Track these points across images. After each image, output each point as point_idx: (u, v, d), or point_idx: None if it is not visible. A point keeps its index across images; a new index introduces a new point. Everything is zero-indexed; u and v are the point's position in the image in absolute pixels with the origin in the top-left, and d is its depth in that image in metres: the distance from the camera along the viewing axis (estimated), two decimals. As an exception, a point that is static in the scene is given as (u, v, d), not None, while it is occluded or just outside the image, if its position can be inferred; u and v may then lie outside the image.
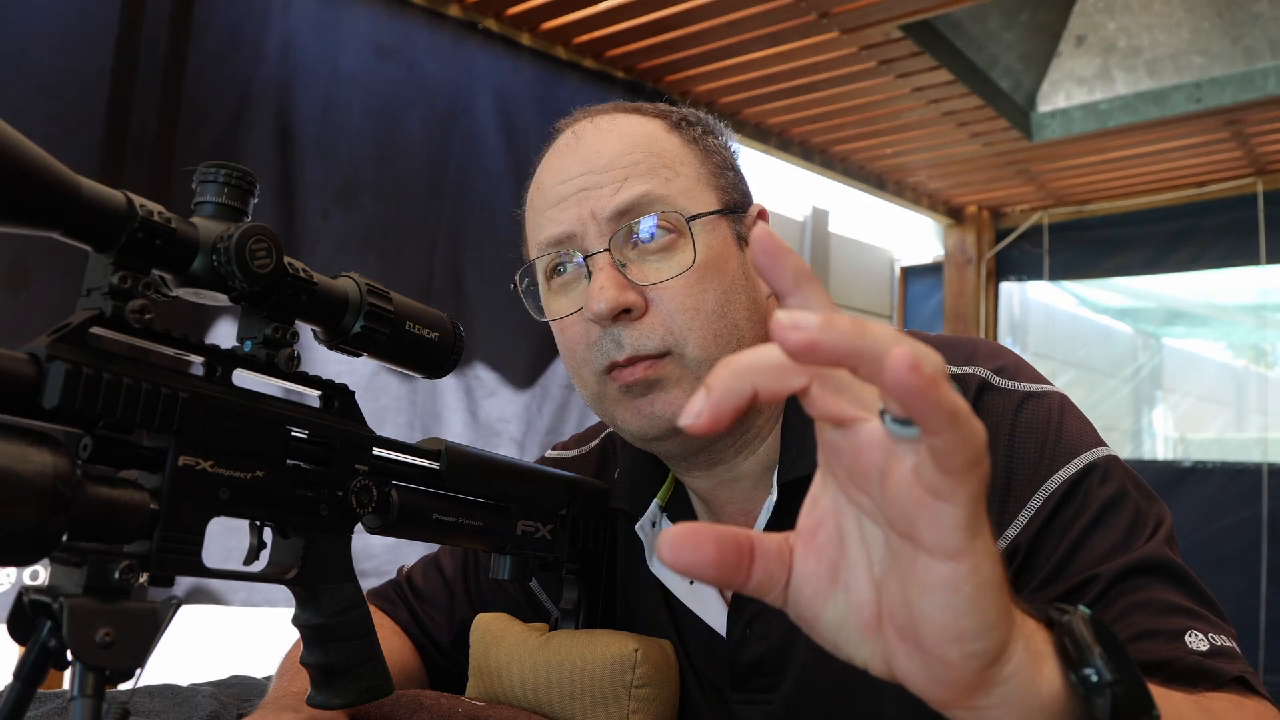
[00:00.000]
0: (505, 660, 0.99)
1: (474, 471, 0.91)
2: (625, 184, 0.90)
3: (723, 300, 0.90)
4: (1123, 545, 0.81)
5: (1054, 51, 3.93)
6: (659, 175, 0.91)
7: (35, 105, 2.14)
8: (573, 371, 0.96)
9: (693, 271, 0.89)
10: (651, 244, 0.90)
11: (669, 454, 0.96)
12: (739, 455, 0.95)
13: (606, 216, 0.90)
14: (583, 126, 0.97)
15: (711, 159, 0.97)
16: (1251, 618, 4.14)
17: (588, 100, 1.09)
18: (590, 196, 0.91)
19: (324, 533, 0.76)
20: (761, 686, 0.94)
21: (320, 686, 0.78)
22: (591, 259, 0.90)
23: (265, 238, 0.67)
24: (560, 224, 0.92)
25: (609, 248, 0.89)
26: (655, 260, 0.90)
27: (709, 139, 0.99)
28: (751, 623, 0.94)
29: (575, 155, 0.94)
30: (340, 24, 2.70)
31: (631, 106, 0.99)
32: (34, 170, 0.56)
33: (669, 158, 0.93)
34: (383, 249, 2.76)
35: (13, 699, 0.59)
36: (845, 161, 4.36)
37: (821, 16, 3.01)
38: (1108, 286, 5.27)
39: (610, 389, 0.91)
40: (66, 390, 0.57)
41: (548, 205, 0.94)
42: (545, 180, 0.96)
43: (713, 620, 0.98)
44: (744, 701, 0.95)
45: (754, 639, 0.94)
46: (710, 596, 0.99)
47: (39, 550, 0.55)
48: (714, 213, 0.93)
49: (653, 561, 1.01)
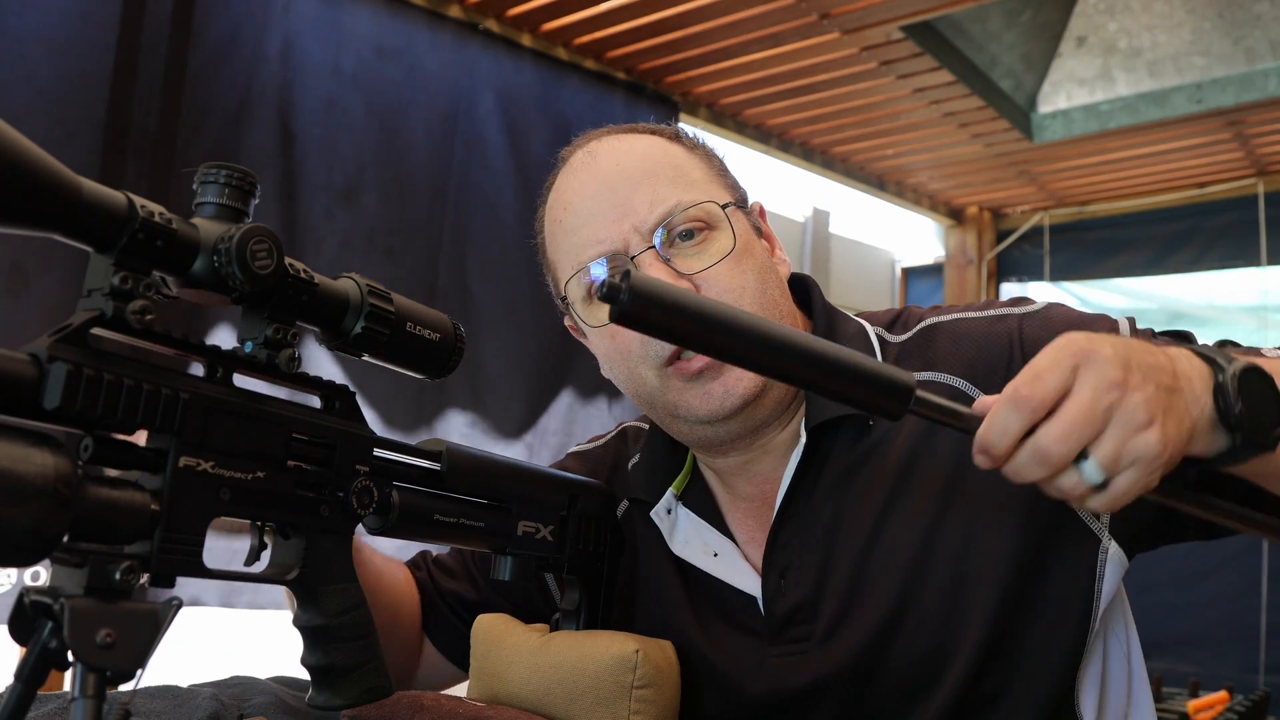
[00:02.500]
0: (506, 661, 0.99)
1: (475, 472, 0.91)
2: (656, 192, 0.99)
3: (760, 279, 1.00)
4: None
5: (1055, 52, 3.93)
6: (680, 181, 1.00)
7: (36, 106, 2.14)
8: (626, 371, 1.01)
9: (732, 256, 0.98)
10: (691, 241, 0.98)
11: (723, 436, 1.01)
12: (777, 429, 1.03)
13: (648, 227, 0.98)
14: (594, 146, 1.05)
15: (712, 162, 1.07)
16: (1252, 618, 4.13)
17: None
18: (626, 209, 0.98)
19: (325, 533, 0.76)
20: (798, 635, 0.99)
21: (321, 687, 0.78)
22: (638, 259, 0.97)
23: (266, 238, 0.67)
24: (602, 241, 0.99)
25: (653, 247, 0.98)
26: (695, 253, 0.98)
27: (702, 147, 1.08)
28: (785, 573, 1.00)
29: (596, 171, 1.02)
30: (341, 24, 2.70)
31: (627, 128, 1.08)
32: (35, 171, 0.56)
33: (683, 165, 1.03)
34: (384, 250, 2.77)
35: (14, 700, 0.59)
36: (846, 162, 4.36)
37: (822, 17, 3.01)
38: (1109, 287, 5.26)
39: (674, 381, 0.97)
40: (67, 391, 0.57)
41: (582, 223, 1.01)
42: (572, 199, 1.02)
43: (744, 584, 1.03)
44: (782, 654, 1.00)
45: (789, 589, 1.00)
46: (739, 562, 1.04)
47: (40, 551, 0.55)
48: (733, 205, 1.02)
49: (674, 543, 1.07)
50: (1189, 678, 3.30)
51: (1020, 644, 0.94)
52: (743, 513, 1.07)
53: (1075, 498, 0.71)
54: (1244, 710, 2.99)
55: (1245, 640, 4.15)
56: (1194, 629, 4.23)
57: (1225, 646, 4.21)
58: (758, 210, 1.09)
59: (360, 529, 0.82)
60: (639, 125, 1.08)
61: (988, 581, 0.94)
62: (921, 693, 0.95)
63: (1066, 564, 0.94)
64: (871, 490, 0.98)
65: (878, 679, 0.96)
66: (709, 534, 1.07)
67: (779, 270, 1.06)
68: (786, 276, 1.08)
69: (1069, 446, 0.68)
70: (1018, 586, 0.94)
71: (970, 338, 1.01)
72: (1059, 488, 0.71)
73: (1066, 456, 0.68)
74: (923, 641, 0.94)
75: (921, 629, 0.94)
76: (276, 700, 0.99)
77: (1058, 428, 0.68)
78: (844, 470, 1.00)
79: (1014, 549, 0.94)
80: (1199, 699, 3.02)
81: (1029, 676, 0.95)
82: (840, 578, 0.98)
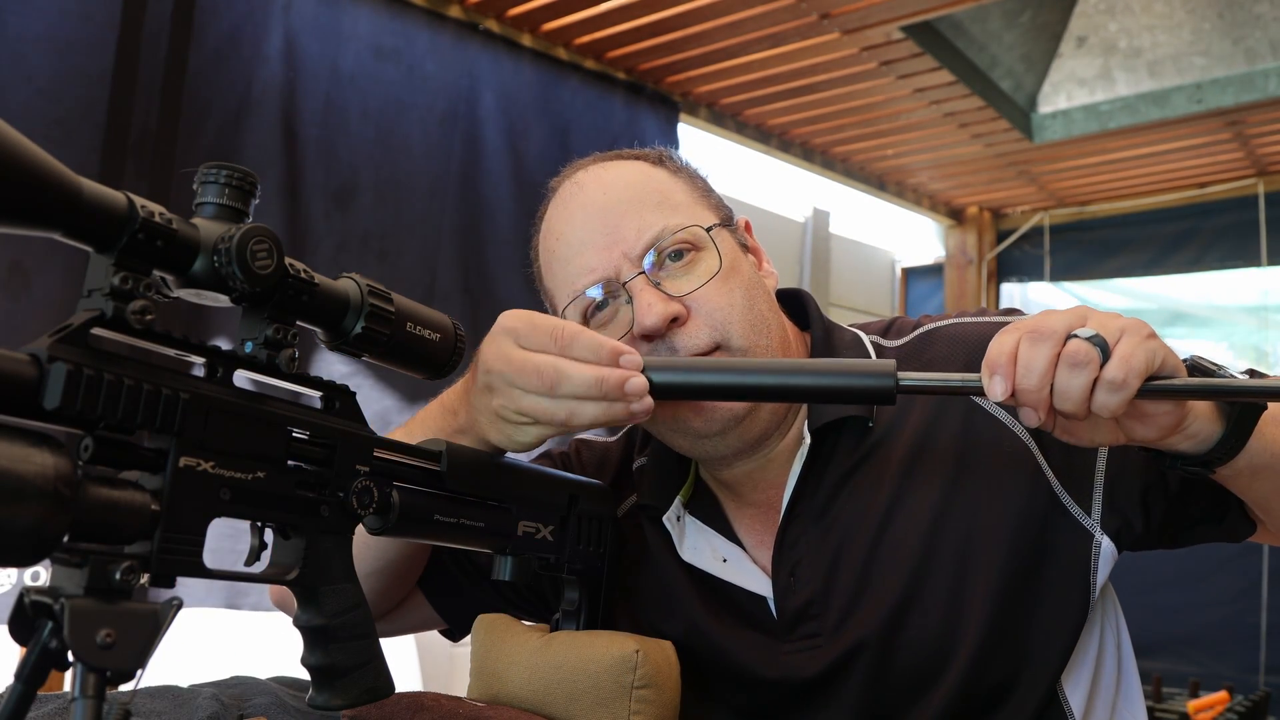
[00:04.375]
0: (506, 661, 0.99)
1: (475, 472, 0.91)
2: (642, 219, 1.02)
3: (747, 296, 1.03)
4: None
5: (1055, 52, 3.93)
6: (666, 206, 1.03)
7: (36, 107, 2.14)
8: None
9: (719, 276, 1.01)
10: (679, 263, 1.01)
11: (723, 450, 1.03)
12: (779, 438, 1.06)
13: (637, 253, 1.01)
14: (580, 177, 1.08)
15: (696, 183, 1.10)
16: (1253, 619, 4.13)
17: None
18: (614, 237, 1.01)
19: (325, 534, 0.76)
20: (809, 631, 1.02)
21: (321, 687, 0.78)
22: (630, 285, 1.00)
23: (266, 239, 0.67)
24: (594, 269, 1.02)
25: (644, 272, 1.00)
26: (684, 275, 1.01)
27: (685, 169, 1.11)
28: (795, 570, 1.03)
29: (584, 201, 1.05)
30: (341, 25, 2.70)
31: (612, 155, 1.11)
32: (35, 171, 0.56)
33: (667, 190, 1.06)
34: (384, 250, 2.76)
35: (14, 700, 0.58)
36: (846, 162, 4.36)
37: (822, 17, 3.01)
38: (1109, 288, 5.26)
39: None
40: (67, 391, 0.57)
41: (574, 252, 1.04)
42: (563, 229, 1.05)
43: (755, 586, 1.05)
44: (796, 650, 1.02)
45: (799, 585, 1.02)
46: (748, 565, 1.06)
47: (40, 551, 0.55)
48: (718, 225, 1.05)
49: (684, 550, 1.08)
50: (1189, 678, 3.30)
51: (1023, 631, 0.98)
52: (750, 518, 1.09)
53: (1086, 382, 0.76)
54: (1244, 710, 3.00)
55: (1245, 640, 4.15)
56: (1194, 629, 4.24)
57: (1225, 647, 4.21)
58: (743, 225, 1.12)
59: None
60: (624, 152, 1.11)
61: (989, 570, 0.98)
62: (930, 680, 0.98)
63: (1062, 553, 0.98)
64: (876, 486, 1.02)
65: (888, 667, 0.99)
66: (717, 541, 1.08)
67: (766, 283, 1.09)
68: (775, 287, 1.11)
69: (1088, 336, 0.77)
70: (1019, 574, 0.98)
71: (967, 341, 1.05)
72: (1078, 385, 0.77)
73: (1088, 348, 0.76)
74: (930, 629, 0.98)
75: (928, 617, 0.98)
76: (276, 700, 0.99)
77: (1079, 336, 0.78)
78: (848, 468, 1.03)
79: (1014, 538, 0.98)
80: (1199, 699, 3.02)
81: (1032, 663, 0.98)
82: (849, 571, 1.01)
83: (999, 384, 0.77)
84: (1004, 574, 0.97)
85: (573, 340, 0.87)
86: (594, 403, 0.86)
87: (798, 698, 1.02)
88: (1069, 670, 1.01)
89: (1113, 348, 0.76)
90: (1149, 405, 0.79)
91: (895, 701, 0.99)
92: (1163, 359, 0.77)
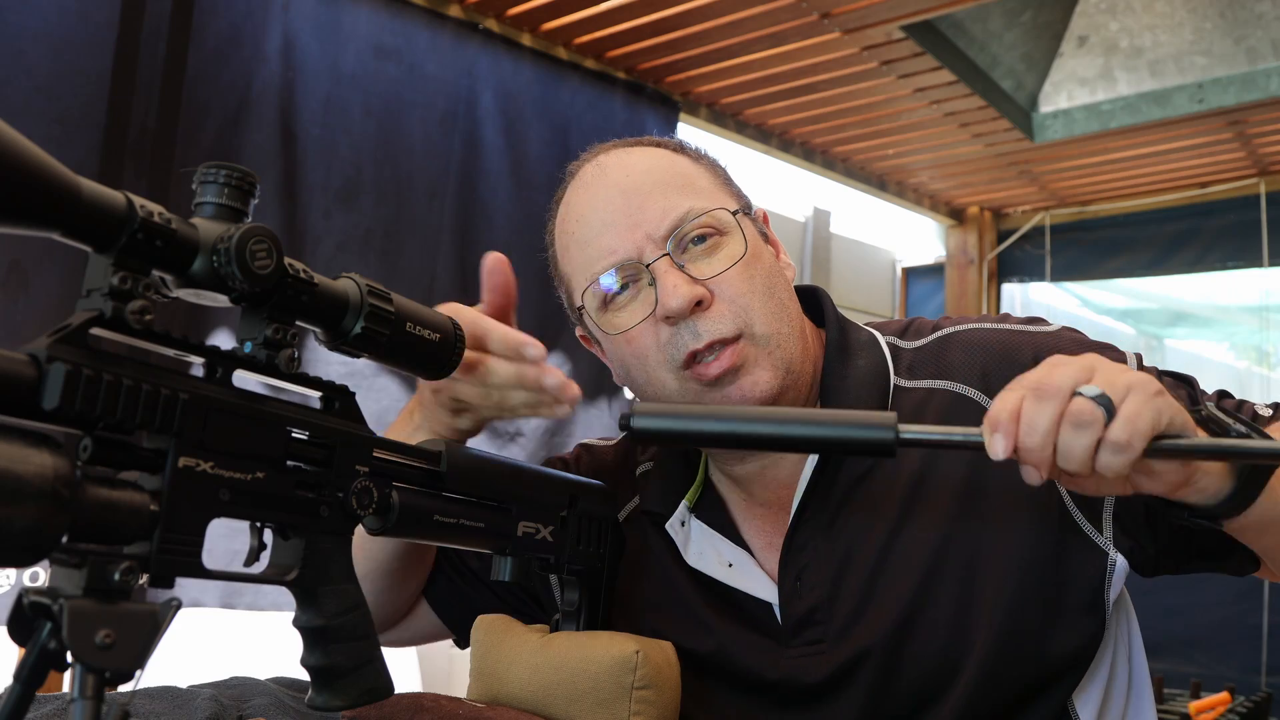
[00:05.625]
0: (506, 662, 0.99)
1: (474, 473, 0.91)
2: (667, 200, 1.01)
3: (768, 282, 1.02)
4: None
5: (1056, 52, 3.93)
6: (689, 189, 1.03)
7: (35, 106, 2.13)
8: (644, 376, 1.03)
9: (744, 261, 1.00)
10: (701, 246, 1.00)
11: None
12: None
13: (660, 235, 1.00)
14: (603, 159, 1.06)
15: (717, 171, 1.09)
16: (1254, 619, 4.13)
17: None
18: (638, 218, 1.00)
19: (324, 534, 0.76)
20: (814, 637, 1.01)
21: (321, 688, 0.78)
22: (654, 266, 0.99)
23: (265, 238, 0.67)
24: (616, 251, 1.01)
25: (668, 253, 0.99)
26: (707, 259, 1.00)
27: (706, 157, 1.11)
28: (801, 574, 1.02)
29: (607, 183, 1.04)
30: (340, 24, 2.70)
31: (632, 141, 1.10)
32: (34, 171, 0.56)
33: (689, 174, 1.05)
34: (384, 250, 2.76)
35: (12, 701, 0.58)
36: (847, 162, 4.36)
37: (823, 17, 3.01)
38: (1110, 288, 5.26)
39: (692, 385, 0.99)
40: (66, 391, 0.57)
41: (595, 234, 1.02)
42: (584, 212, 1.04)
43: (760, 591, 1.05)
44: (800, 655, 1.01)
45: (805, 590, 1.02)
46: (754, 570, 1.06)
47: (39, 551, 0.55)
48: (741, 211, 1.04)
49: (689, 555, 1.07)
50: (1190, 679, 3.29)
51: (1034, 647, 0.96)
52: (759, 519, 1.08)
53: (1090, 443, 0.73)
54: (1245, 711, 2.99)
55: (1247, 641, 4.15)
56: (1196, 630, 4.23)
57: (1227, 648, 4.21)
58: (761, 217, 1.12)
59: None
60: (644, 139, 1.10)
61: (999, 585, 0.96)
62: (937, 693, 0.97)
63: (1075, 570, 0.97)
64: (887, 494, 1.01)
65: (894, 677, 0.98)
66: (722, 545, 1.08)
67: (785, 274, 1.08)
68: (792, 280, 1.10)
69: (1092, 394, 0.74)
70: (1029, 590, 0.96)
71: (986, 348, 1.03)
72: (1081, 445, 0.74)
73: (1093, 407, 0.73)
74: (937, 641, 0.96)
75: (936, 629, 0.97)
76: (276, 701, 0.99)
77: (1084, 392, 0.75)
78: (860, 474, 1.02)
79: (1025, 553, 0.96)
80: (1201, 700, 3.02)
81: (1043, 679, 0.97)
82: (856, 579, 1.00)
83: (1000, 442, 0.75)
84: (1014, 589, 0.95)
85: (485, 336, 0.95)
86: (521, 391, 0.94)
87: (800, 702, 1.01)
88: (1081, 685, 0.99)
89: (1118, 406, 0.73)
90: (1156, 463, 0.77)
91: (901, 713, 0.98)
92: (1169, 418, 0.75)
